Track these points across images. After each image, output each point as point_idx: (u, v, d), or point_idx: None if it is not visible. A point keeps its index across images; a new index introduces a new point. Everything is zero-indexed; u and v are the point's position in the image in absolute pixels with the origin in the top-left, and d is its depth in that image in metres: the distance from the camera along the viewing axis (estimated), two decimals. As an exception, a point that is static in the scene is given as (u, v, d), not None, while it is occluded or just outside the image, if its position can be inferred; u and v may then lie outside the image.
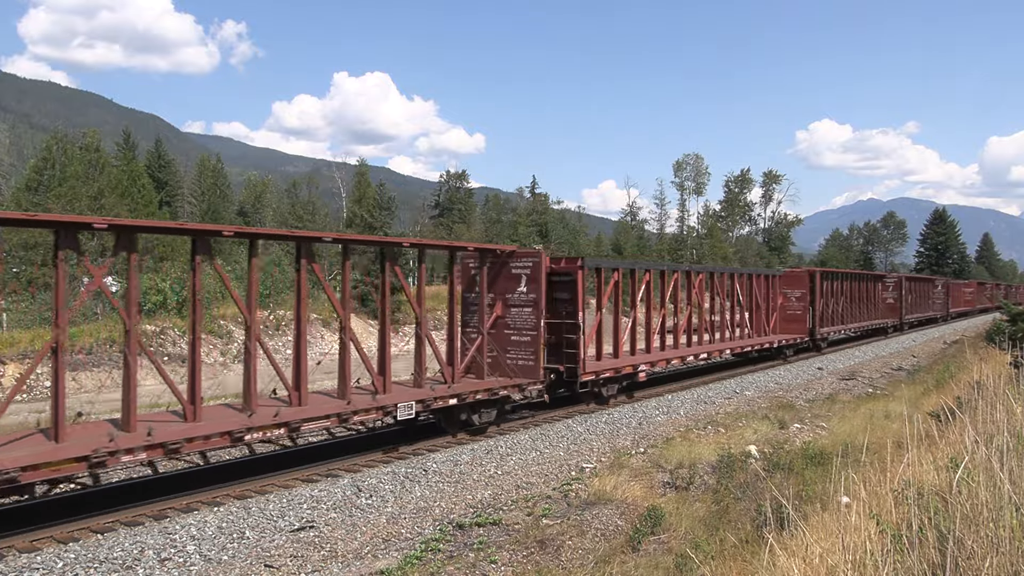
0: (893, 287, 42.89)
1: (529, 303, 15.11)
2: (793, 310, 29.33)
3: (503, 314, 15.33)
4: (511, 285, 15.36)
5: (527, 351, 15.04)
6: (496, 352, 15.06)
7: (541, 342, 14.87)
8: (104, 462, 8.74)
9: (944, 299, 55.42)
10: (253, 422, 10.42)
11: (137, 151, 54.43)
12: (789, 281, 29.82)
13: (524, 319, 15.17)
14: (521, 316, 15.22)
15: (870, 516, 4.52)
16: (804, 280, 29.74)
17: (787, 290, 29.38)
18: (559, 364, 16.00)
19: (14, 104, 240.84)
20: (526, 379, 14.84)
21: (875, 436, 10.80)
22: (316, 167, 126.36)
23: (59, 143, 40.38)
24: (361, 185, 57.08)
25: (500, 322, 15.33)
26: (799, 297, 29.35)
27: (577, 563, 7.32)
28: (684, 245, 79.79)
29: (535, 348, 14.94)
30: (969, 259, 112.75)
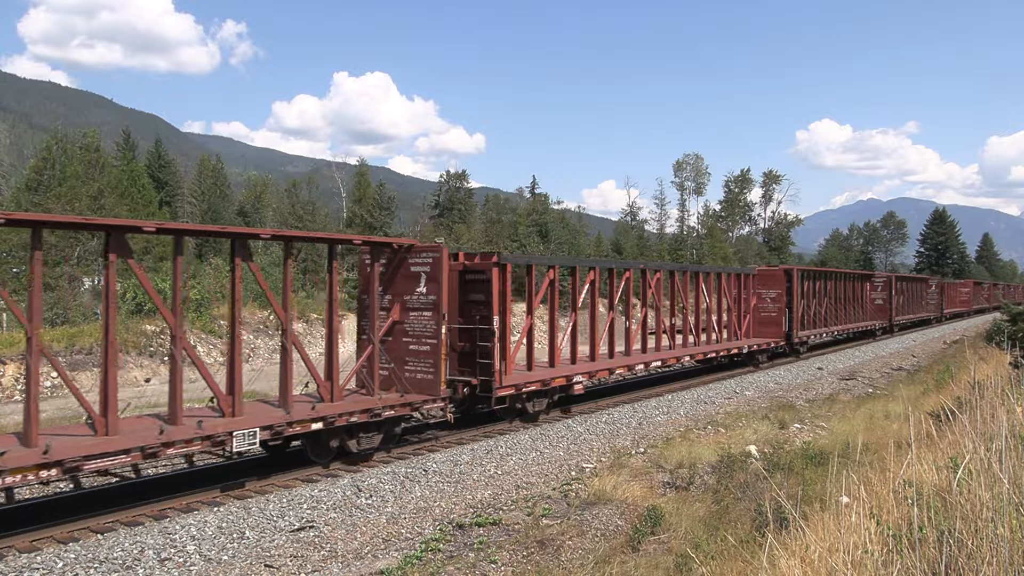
0: (882, 287, 40.91)
1: (429, 306, 12.97)
2: (768, 312, 27.00)
3: (401, 319, 13.30)
4: (410, 285, 13.29)
5: (426, 362, 12.94)
6: (393, 364, 13.14)
7: (442, 352, 12.76)
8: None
9: (938, 299, 53.55)
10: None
11: (137, 151, 54.41)
12: (764, 280, 27.45)
13: (423, 325, 13.04)
14: (420, 321, 13.10)
15: (870, 516, 4.53)
16: (780, 279, 27.40)
17: (762, 290, 27.10)
18: (473, 376, 14.16)
19: (14, 104, 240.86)
20: (424, 395, 12.80)
21: (875, 436, 10.82)
22: (316, 167, 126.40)
23: (59, 143, 40.36)
24: (361, 185, 57.09)
25: (398, 328, 13.31)
26: (774, 298, 27.03)
27: (577, 563, 7.32)
28: (684, 245, 79.79)
29: (435, 359, 12.82)
30: (969, 259, 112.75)
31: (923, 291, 49.57)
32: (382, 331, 13.04)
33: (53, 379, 20.12)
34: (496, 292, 14.21)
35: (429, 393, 12.87)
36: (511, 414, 15.20)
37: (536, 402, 15.51)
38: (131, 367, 22.14)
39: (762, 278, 27.48)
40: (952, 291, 61.53)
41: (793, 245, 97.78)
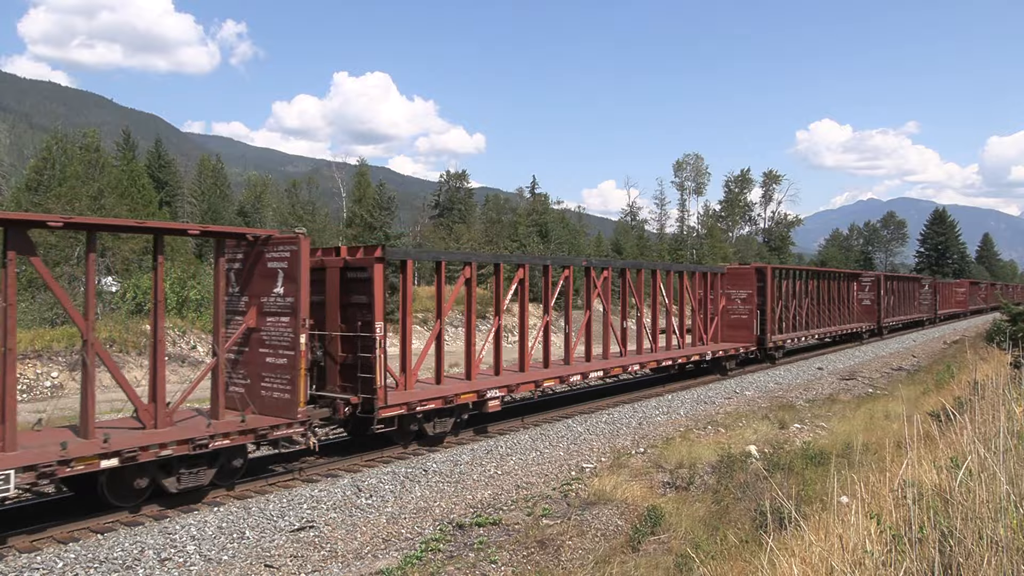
0: (870, 287, 38.89)
1: (286, 310, 10.80)
2: (738, 314, 24.62)
3: (258, 325, 11.12)
4: (267, 285, 11.07)
5: (282, 378, 10.78)
6: (249, 380, 11.14)
7: (300, 366, 10.64)
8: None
9: (931, 300, 51.58)
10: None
11: (137, 151, 54.39)
12: (734, 280, 24.95)
13: (280, 333, 10.87)
14: (277, 328, 10.90)
15: (870, 516, 4.53)
16: (750, 278, 24.88)
17: (731, 290, 24.72)
18: (355, 393, 12.03)
19: (14, 104, 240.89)
20: (278, 418, 10.67)
21: (875, 436, 10.82)
22: (316, 167, 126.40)
23: (59, 143, 40.34)
24: (361, 185, 57.09)
25: (255, 337, 11.15)
26: (745, 299, 24.66)
27: (577, 563, 7.33)
28: (684, 245, 79.80)
29: (292, 374, 10.67)
30: (969, 259, 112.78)
31: (915, 291, 47.87)
32: (232, 340, 11.01)
33: (53, 379, 20.12)
34: (379, 293, 12.04)
35: (285, 415, 10.69)
36: (406, 437, 13.07)
37: (439, 422, 13.46)
38: (131, 367, 22.14)
39: (732, 277, 25.15)
40: (947, 291, 59.47)
41: (793, 245, 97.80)
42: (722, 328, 24.15)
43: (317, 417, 11.78)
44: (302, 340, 10.66)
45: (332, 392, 12.41)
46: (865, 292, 38.52)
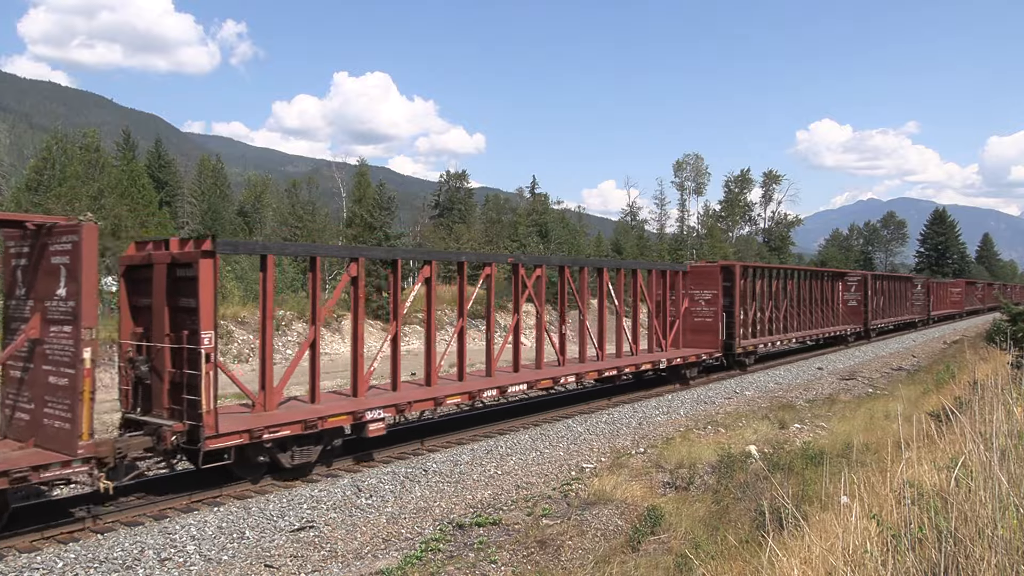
0: (856, 287, 36.66)
1: (68, 316, 8.72)
2: (702, 316, 22.33)
3: (42, 335, 9.03)
4: (50, 285, 8.98)
5: (63, 403, 8.68)
6: (33, 404, 9.08)
7: (84, 387, 8.43)
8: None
9: (924, 300, 49.19)
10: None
11: (137, 151, 54.39)
12: (698, 279, 22.64)
13: (62, 345, 8.77)
14: (60, 340, 8.82)
15: (870, 516, 4.53)
16: (715, 277, 22.49)
17: (695, 290, 22.48)
18: (180, 419, 9.83)
19: (14, 104, 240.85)
20: (54, 454, 8.55)
21: (875, 436, 10.82)
22: (316, 167, 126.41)
23: (59, 143, 40.33)
24: (361, 185, 57.06)
25: (39, 350, 9.06)
26: (710, 300, 22.34)
27: (577, 563, 7.33)
28: (684, 245, 79.82)
29: (72, 398, 8.53)
30: (969, 259, 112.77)
31: (907, 291, 45.63)
32: (7, 352, 9.20)
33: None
34: (206, 295, 9.89)
35: (63, 449, 8.51)
36: (253, 471, 10.81)
37: (299, 452, 11.06)
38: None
39: (696, 276, 22.72)
40: (941, 291, 56.74)
41: (793, 245, 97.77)
42: (685, 332, 22.00)
43: (135, 448, 9.50)
44: (86, 355, 8.43)
45: (158, 417, 10.12)
46: (851, 292, 36.40)
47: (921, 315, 48.38)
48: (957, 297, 60.63)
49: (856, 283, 37.00)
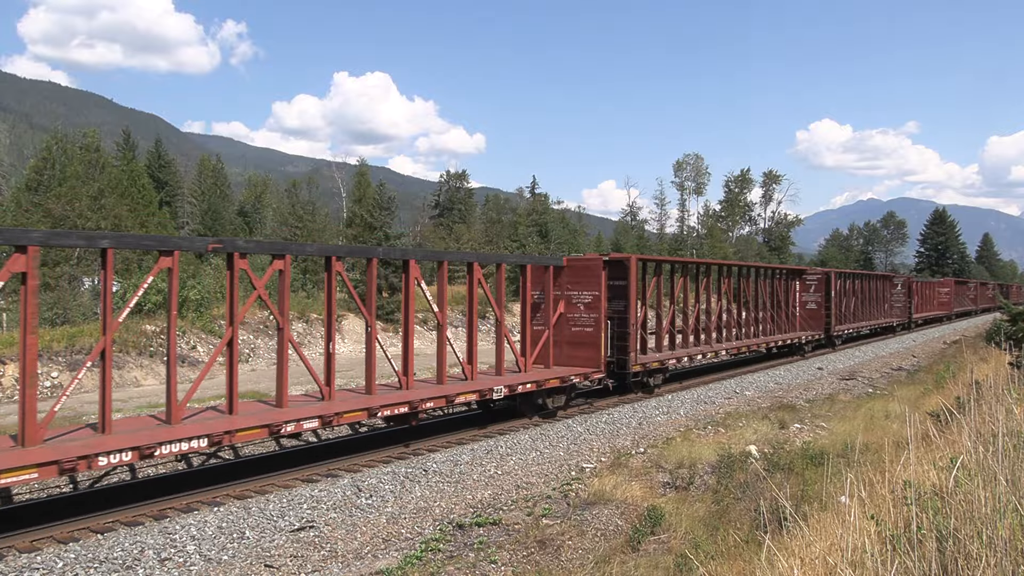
0: (816, 287, 31.66)
1: None
2: (582, 325, 17.04)
3: None
4: None
5: None
6: None
7: None
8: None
9: (905, 302, 44.31)
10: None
11: (137, 151, 54.44)
12: (576, 277, 17.21)
13: None
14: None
15: (869, 516, 4.53)
16: (597, 274, 16.86)
17: (573, 291, 17.20)
18: None
19: (14, 104, 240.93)
20: None
21: (875, 436, 10.82)
22: (316, 167, 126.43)
23: (59, 143, 40.38)
24: (361, 185, 57.15)
25: None
26: (590, 304, 16.96)
27: (577, 563, 7.33)
28: (684, 245, 79.84)
29: None
30: (969, 259, 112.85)
31: (885, 291, 41.00)
32: None
33: (53, 379, 20.11)
34: None
35: None
36: None
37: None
38: (131, 367, 22.14)
39: (573, 273, 17.29)
40: (927, 291, 51.82)
41: (793, 245, 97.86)
42: (561, 346, 17.12)
43: None
44: None
45: None
46: (810, 293, 31.43)
47: (901, 318, 43.50)
48: (945, 298, 56.21)
49: (816, 282, 31.90)
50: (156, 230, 37.23)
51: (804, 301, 30.80)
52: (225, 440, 9.98)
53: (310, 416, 10.98)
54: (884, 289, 40.88)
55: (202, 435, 9.74)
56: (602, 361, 16.93)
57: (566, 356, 17.16)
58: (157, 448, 9.19)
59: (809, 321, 30.47)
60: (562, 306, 17.28)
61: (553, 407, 16.06)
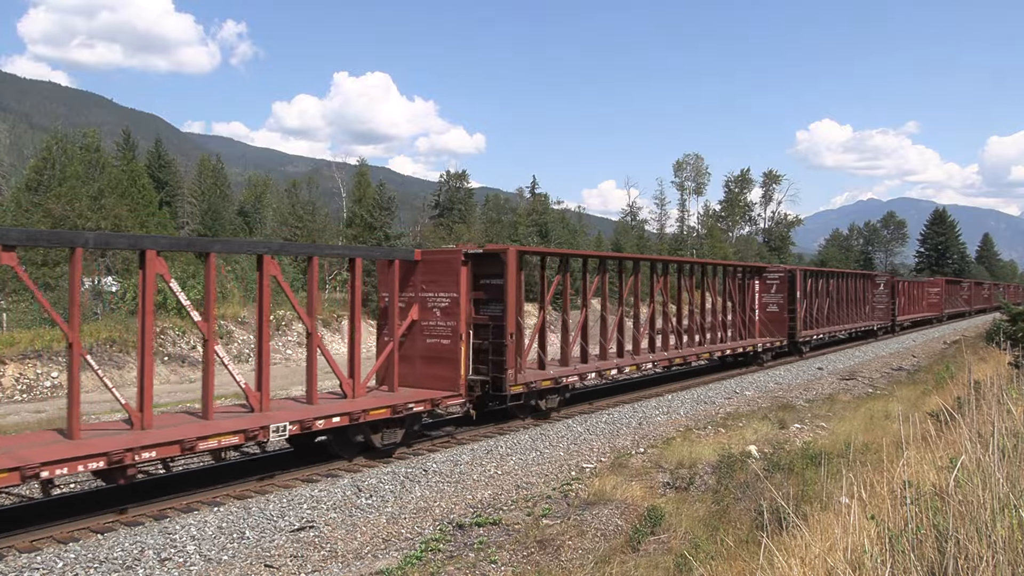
0: (778, 286, 27.78)
1: None
2: (438, 336, 13.85)
3: None
4: None
5: None
6: None
7: None
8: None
9: (888, 303, 40.58)
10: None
11: (137, 151, 54.40)
12: (433, 274, 14.04)
13: None
14: None
15: (869, 517, 4.54)
16: (456, 270, 13.82)
17: (428, 293, 14.01)
18: None
19: (14, 104, 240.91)
20: None
21: (875, 436, 10.83)
22: (316, 167, 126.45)
23: (59, 143, 40.35)
24: (361, 185, 57.12)
25: None
26: (447, 308, 13.77)
27: (577, 563, 7.33)
28: (684, 245, 79.85)
29: None
30: (969, 259, 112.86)
31: (865, 292, 37.64)
32: None
33: (53, 379, 20.13)
34: None
35: None
36: None
37: None
38: (131, 367, 22.15)
39: (429, 270, 14.10)
40: (914, 291, 48.13)
41: (793, 245, 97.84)
42: (413, 363, 14.05)
43: None
44: None
45: None
46: (772, 294, 27.68)
47: (883, 321, 39.79)
48: (935, 298, 52.50)
49: (778, 281, 27.96)
50: (156, 230, 37.23)
51: (764, 303, 27.42)
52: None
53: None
54: (864, 289, 37.67)
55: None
56: (460, 382, 13.66)
57: (420, 375, 13.98)
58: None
59: (770, 326, 26.95)
60: (415, 311, 14.04)
61: (384, 444, 12.46)
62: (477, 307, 14.61)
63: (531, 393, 15.21)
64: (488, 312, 14.56)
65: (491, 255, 14.55)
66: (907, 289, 46.12)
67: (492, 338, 14.38)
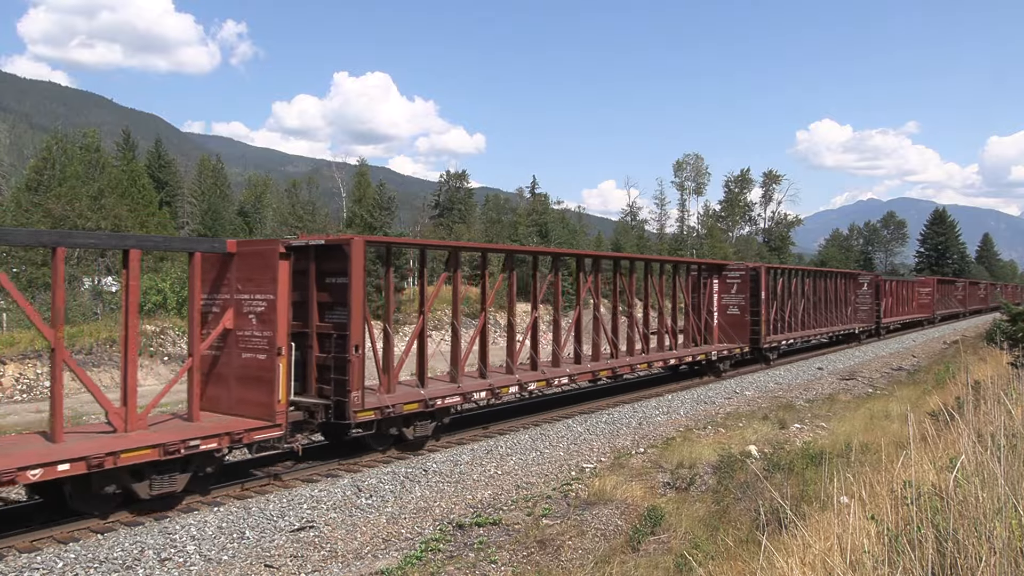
0: (739, 286, 24.48)
1: None
2: (253, 350, 10.99)
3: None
4: None
5: None
6: None
7: None
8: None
9: (872, 304, 37.84)
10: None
11: (137, 151, 54.43)
12: (249, 271, 11.17)
13: None
14: None
15: (869, 517, 4.54)
16: (272, 266, 10.88)
17: (244, 295, 11.16)
18: None
19: (14, 104, 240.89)
20: None
21: (875, 436, 10.84)
22: (316, 167, 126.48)
23: (59, 143, 40.35)
24: (361, 185, 57.15)
25: None
26: (263, 315, 10.92)
27: (577, 563, 7.33)
28: (684, 245, 79.84)
29: None
30: (969, 259, 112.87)
31: (848, 292, 35.06)
32: None
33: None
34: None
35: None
36: None
37: None
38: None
39: (245, 266, 11.22)
40: (903, 291, 44.81)
41: (793, 245, 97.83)
42: (227, 383, 11.29)
43: None
44: None
45: None
46: (732, 295, 24.63)
47: (866, 323, 36.98)
48: (926, 299, 49.29)
49: (739, 281, 24.68)
50: (156, 230, 37.25)
51: (724, 305, 24.42)
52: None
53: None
54: (846, 289, 34.83)
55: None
56: (276, 408, 10.61)
57: (235, 400, 11.14)
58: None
59: (730, 331, 23.99)
60: (230, 318, 11.13)
61: (154, 494, 9.55)
62: (322, 312, 12.04)
63: (390, 420, 12.38)
64: (333, 319, 11.90)
65: (331, 248, 11.93)
66: (895, 289, 43.06)
67: (335, 351, 11.72)
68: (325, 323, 12.00)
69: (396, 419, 12.55)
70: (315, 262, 12.05)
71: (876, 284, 38.69)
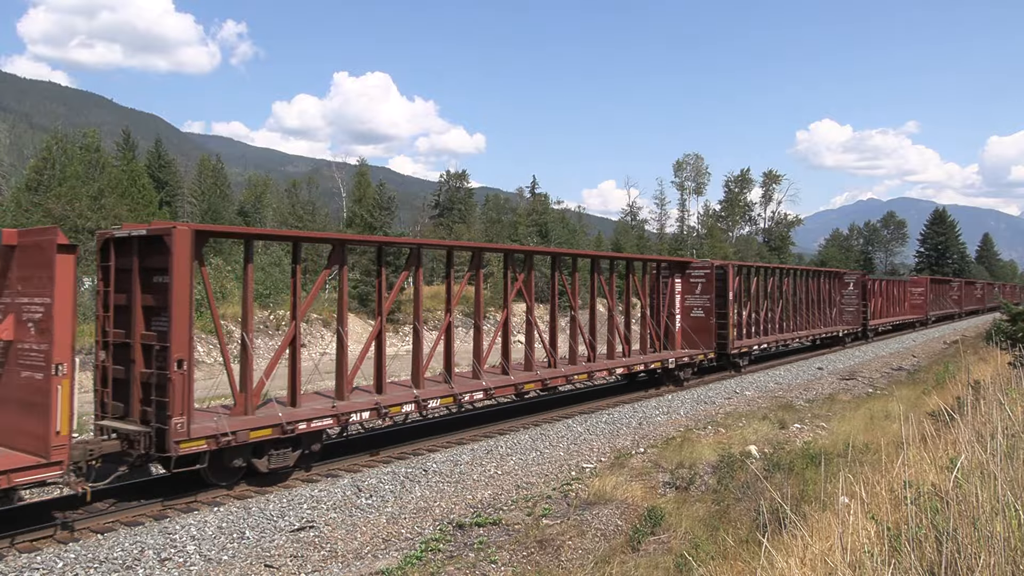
0: (704, 286, 22.07)
1: None
2: (32, 367, 8.52)
3: None
4: None
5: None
6: None
7: None
8: None
9: (859, 305, 35.78)
10: None
11: (137, 151, 54.41)
12: (27, 268, 8.74)
13: None
14: None
15: (869, 517, 4.54)
16: (48, 264, 8.39)
17: (24, 298, 8.70)
18: None
19: (14, 104, 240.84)
20: None
21: (875, 436, 10.84)
22: (316, 167, 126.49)
23: (59, 143, 40.33)
24: (361, 185, 57.15)
25: None
26: (41, 323, 8.41)
27: (577, 563, 7.33)
28: (684, 245, 79.82)
29: None
30: (969, 259, 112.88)
31: (832, 292, 33.19)
32: None
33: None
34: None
35: None
36: None
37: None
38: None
39: (26, 261, 8.81)
40: (893, 292, 42.84)
41: (793, 245, 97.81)
42: (13, 408, 8.80)
43: None
44: None
45: None
46: (697, 295, 22.12)
47: (852, 325, 35.01)
48: (918, 300, 47.19)
49: (704, 280, 22.25)
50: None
51: (688, 307, 22.07)
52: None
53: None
54: (829, 290, 32.83)
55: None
56: (51, 442, 8.32)
57: (14, 429, 8.77)
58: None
59: (694, 335, 21.69)
60: (8, 327, 8.82)
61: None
62: (148, 319, 9.98)
63: (230, 450, 10.16)
64: (158, 327, 9.87)
65: (156, 239, 9.84)
66: (884, 289, 41.07)
67: (156, 367, 9.72)
68: (150, 332, 9.91)
69: (242, 448, 10.30)
70: (138, 257, 9.99)
71: (863, 284, 36.56)
